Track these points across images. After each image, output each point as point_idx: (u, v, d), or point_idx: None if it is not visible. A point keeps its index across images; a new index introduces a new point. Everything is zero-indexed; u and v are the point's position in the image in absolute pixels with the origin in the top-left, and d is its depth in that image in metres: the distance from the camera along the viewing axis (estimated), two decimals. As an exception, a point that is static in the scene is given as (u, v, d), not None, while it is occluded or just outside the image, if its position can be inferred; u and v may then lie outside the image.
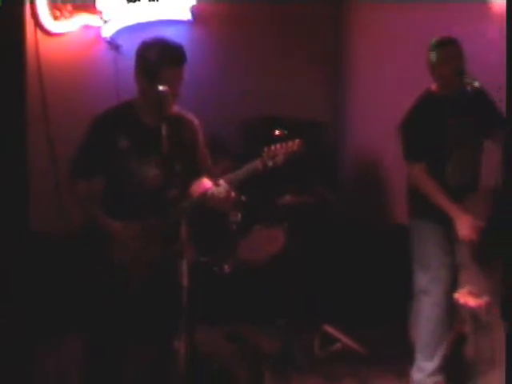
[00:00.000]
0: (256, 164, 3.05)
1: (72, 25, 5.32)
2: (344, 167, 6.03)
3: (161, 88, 2.92)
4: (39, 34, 5.24)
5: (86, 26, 5.36)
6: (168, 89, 2.92)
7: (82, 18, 5.34)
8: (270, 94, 5.67)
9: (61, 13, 5.28)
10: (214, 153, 3.41)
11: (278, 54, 5.81)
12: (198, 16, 5.58)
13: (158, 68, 2.95)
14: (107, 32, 5.39)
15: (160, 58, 2.96)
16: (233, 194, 3.06)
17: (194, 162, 3.19)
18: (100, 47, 5.40)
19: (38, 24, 5.23)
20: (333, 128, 5.99)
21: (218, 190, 3.03)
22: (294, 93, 5.79)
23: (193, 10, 5.55)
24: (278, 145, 3.08)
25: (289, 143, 3.09)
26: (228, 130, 5.46)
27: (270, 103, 5.63)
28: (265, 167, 3.04)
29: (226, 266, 4.47)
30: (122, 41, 5.33)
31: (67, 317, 4.04)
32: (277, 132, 4.30)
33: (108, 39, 5.39)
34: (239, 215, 4.53)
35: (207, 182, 3.15)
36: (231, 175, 3.08)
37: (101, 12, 5.36)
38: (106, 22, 5.37)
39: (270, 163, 3.04)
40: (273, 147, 3.07)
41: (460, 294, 3.53)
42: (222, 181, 3.05)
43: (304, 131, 4.50)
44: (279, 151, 3.06)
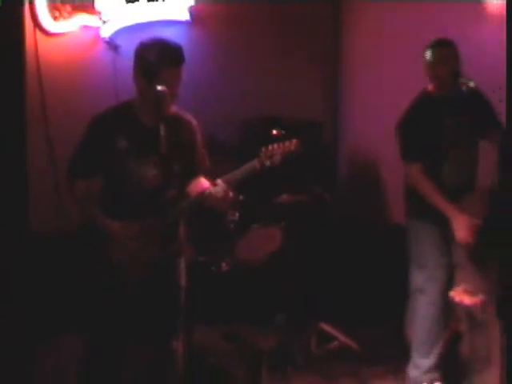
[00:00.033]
0: (254, 164, 3.07)
1: (71, 25, 5.34)
2: (342, 167, 6.04)
3: (159, 88, 2.92)
4: (38, 34, 5.26)
5: (85, 27, 5.38)
6: (166, 89, 2.93)
7: (81, 19, 5.35)
8: (269, 94, 5.67)
9: (60, 13, 5.29)
10: (213, 153, 3.42)
11: (278, 54, 5.81)
12: (197, 16, 5.59)
13: (156, 68, 2.95)
14: (106, 32, 5.41)
15: (159, 59, 2.96)
16: (230, 194, 3.07)
17: (192, 163, 3.19)
18: (99, 47, 5.42)
19: (37, 24, 5.25)
20: (332, 128, 6.00)
21: (216, 190, 3.04)
22: (293, 93, 5.79)
23: (191, 11, 5.56)
24: (276, 145, 3.11)
25: (286, 143, 3.11)
26: (227, 130, 5.46)
27: (270, 103, 5.63)
28: (262, 167, 3.07)
29: (224, 264, 4.48)
30: (121, 41, 5.35)
31: (67, 317, 4.02)
32: (274, 132, 4.29)
33: (107, 39, 5.41)
34: (237, 214, 4.54)
35: (205, 182, 3.16)
36: (229, 175, 3.09)
37: (100, 12, 5.37)
38: (104, 23, 5.38)
39: (267, 163, 3.06)
40: (270, 147, 3.10)
41: (455, 292, 3.54)
42: (219, 180, 3.07)
43: (303, 131, 4.52)
44: (277, 151, 3.08)
